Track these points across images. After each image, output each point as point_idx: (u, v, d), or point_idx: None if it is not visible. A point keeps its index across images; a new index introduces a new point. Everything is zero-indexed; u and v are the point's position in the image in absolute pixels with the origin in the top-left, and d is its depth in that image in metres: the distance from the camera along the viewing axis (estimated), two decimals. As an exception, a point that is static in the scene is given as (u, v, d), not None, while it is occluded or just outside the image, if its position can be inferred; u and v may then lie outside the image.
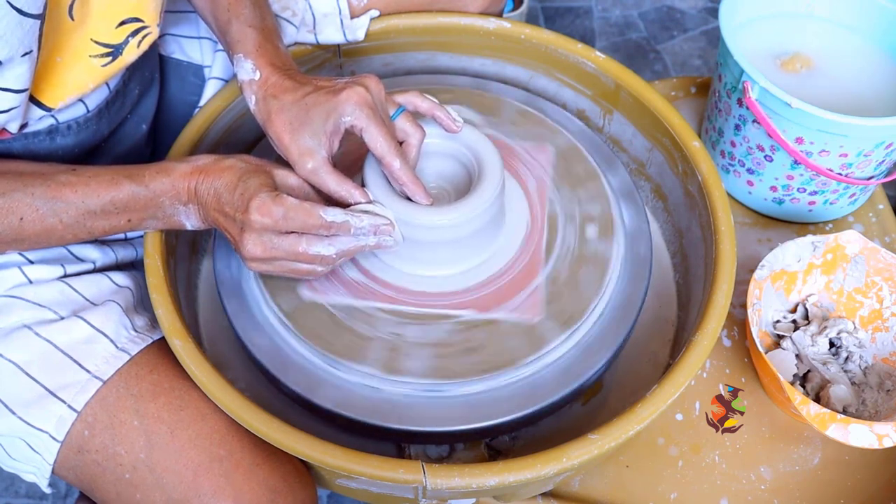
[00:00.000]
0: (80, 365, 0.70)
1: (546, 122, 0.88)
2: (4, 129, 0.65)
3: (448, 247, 0.73)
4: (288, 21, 0.88)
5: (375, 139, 0.67)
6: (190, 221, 0.69)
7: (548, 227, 0.79)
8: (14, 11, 0.57)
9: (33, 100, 0.66)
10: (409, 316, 0.73)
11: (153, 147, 0.89)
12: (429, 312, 0.73)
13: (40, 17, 0.60)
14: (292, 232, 0.64)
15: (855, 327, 0.89)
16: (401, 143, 0.71)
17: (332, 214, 0.64)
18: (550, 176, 0.83)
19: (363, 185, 0.71)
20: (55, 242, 0.67)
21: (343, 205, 0.68)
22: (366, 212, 0.67)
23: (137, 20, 0.70)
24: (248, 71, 0.71)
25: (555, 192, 0.81)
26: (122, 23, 0.69)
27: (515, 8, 1.72)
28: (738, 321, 0.93)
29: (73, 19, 0.65)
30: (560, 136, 0.86)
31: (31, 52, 0.60)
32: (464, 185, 0.75)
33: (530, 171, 0.83)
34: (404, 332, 0.72)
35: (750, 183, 1.01)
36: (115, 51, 0.69)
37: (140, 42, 0.71)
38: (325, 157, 0.67)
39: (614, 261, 0.77)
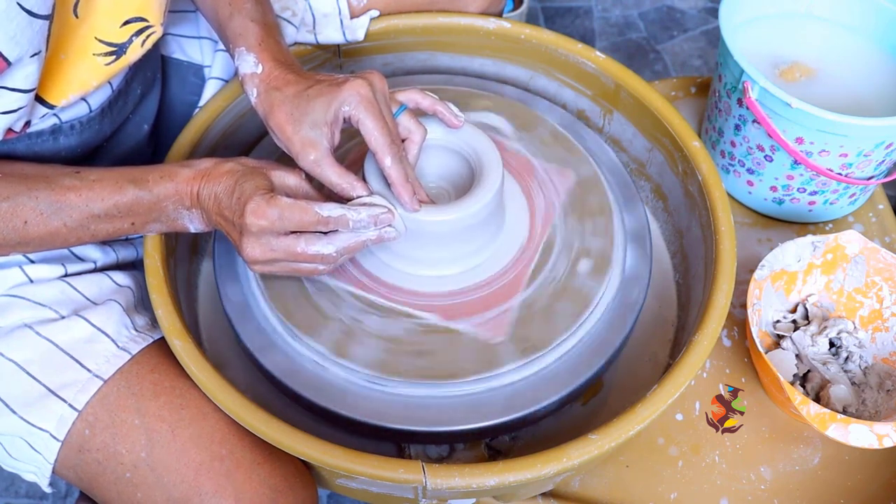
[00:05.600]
0: (80, 364, 0.71)
1: (576, 147, 0.85)
2: (10, 129, 0.65)
3: (433, 247, 0.73)
4: (288, 21, 0.88)
5: (371, 132, 0.66)
6: (193, 225, 0.69)
7: (541, 252, 0.77)
8: (24, 13, 0.57)
9: (37, 97, 0.66)
10: (373, 305, 0.73)
11: (154, 147, 0.89)
12: (393, 307, 0.73)
13: (49, 17, 0.60)
14: (292, 232, 0.64)
15: (855, 327, 0.89)
16: (403, 141, 0.71)
17: (329, 209, 0.64)
18: (562, 202, 0.81)
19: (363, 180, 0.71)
20: (59, 245, 0.67)
21: (344, 200, 0.68)
22: (364, 205, 0.67)
23: (142, 20, 0.70)
24: (250, 64, 0.71)
25: (561, 219, 0.79)
26: (127, 22, 0.69)
27: (515, 8, 1.72)
28: (738, 321, 0.93)
29: (77, 17, 0.65)
30: (585, 165, 0.84)
31: (39, 52, 0.61)
32: (464, 186, 0.75)
33: (543, 192, 0.81)
34: (364, 319, 0.72)
35: (750, 183, 1.01)
36: (118, 49, 0.69)
37: (144, 41, 0.71)
38: (327, 149, 0.67)
39: (596, 301, 0.74)
